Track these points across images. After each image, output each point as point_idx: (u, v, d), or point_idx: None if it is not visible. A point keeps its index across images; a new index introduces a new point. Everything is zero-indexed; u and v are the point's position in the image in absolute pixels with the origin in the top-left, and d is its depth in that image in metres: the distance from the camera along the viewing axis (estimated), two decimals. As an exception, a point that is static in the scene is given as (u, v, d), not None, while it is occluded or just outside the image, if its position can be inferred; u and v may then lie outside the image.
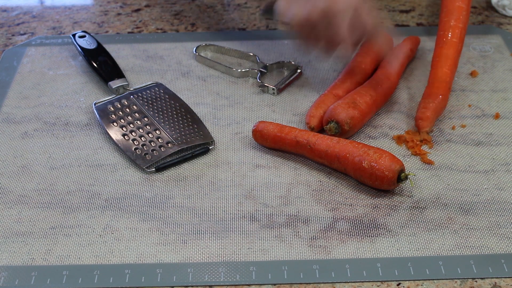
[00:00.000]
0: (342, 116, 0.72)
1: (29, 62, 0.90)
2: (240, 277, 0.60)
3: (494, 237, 0.63)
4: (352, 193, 0.68)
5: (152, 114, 0.77)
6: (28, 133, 0.77)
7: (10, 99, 0.83)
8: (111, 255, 0.62)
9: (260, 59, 0.88)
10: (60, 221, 0.66)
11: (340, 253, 0.62)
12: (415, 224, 0.65)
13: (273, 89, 0.83)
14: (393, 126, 0.77)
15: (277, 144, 0.73)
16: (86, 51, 0.86)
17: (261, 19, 0.98)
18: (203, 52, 0.91)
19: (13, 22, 1.01)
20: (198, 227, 0.65)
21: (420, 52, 0.90)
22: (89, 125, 0.78)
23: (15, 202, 0.68)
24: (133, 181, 0.70)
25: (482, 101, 0.81)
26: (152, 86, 0.82)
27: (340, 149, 0.69)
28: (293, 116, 0.79)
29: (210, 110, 0.81)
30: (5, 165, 0.73)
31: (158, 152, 0.72)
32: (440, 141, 0.75)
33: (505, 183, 0.69)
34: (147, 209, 0.67)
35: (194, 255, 0.62)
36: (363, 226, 0.65)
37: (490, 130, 0.76)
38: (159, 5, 1.04)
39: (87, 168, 0.72)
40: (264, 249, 0.63)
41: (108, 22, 1.00)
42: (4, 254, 0.62)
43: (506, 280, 0.59)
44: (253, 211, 0.67)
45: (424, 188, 0.69)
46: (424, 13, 1.01)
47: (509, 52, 0.90)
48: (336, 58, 0.83)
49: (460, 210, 0.66)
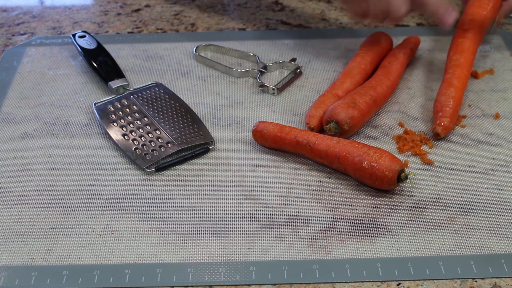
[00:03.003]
0: (342, 116, 0.72)
1: (29, 62, 0.90)
2: (240, 277, 0.60)
3: (494, 237, 0.63)
4: (352, 193, 0.68)
5: (152, 114, 0.77)
6: (28, 133, 0.77)
7: (10, 99, 0.83)
8: (111, 255, 0.62)
9: (260, 59, 0.88)
10: (60, 221, 0.66)
11: (340, 253, 0.62)
12: (415, 224, 0.65)
13: (273, 89, 0.83)
14: (393, 126, 0.77)
15: (277, 144, 0.73)
16: (86, 51, 0.86)
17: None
18: (203, 52, 0.91)
19: (13, 22, 1.01)
20: (198, 227, 0.65)
21: (420, 52, 0.90)
22: (89, 125, 0.78)
23: (15, 202, 0.68)
24: (133, 181, 0.70)
25: (482, 101, 0.81)
26: (152, 86, 0.82)
27: (340, 149, 0.69)
28: (293, 116, 0.79)
29: (210, 110, 0.81)
30: (5, 165, 0.73)
31: (158, 152, 0.72)
32: (440, 141, 0.75)
33: (505, 183, 0.69)
34: (147, 209, 0.67)
35: (194, 255, 0.62)
36: (363, 226, 0.65)
37: (490, 130, 0.76)
38: (159, 5, 1.04)
39: (87, 168, 0.72)
40: (264, 249, 0.63)
41: (108, 22, 1.00)
42: (4, 254, 0.62)
43: (506, 280, 0.59)
44: (253, 211, 0.67)
45: (424, 188, 0.69)
46: (424, 13, 1.00)
47: (509, 52, 0.90)
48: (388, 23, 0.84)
49: (460, 210, 0.66)
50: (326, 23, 0.99)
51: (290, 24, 0.99)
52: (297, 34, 0.95)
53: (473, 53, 0.82)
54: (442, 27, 0.79)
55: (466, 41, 0.82)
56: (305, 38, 0.94)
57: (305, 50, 0.91)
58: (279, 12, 1.02)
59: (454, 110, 0.75)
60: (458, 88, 0.77)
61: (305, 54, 0.90)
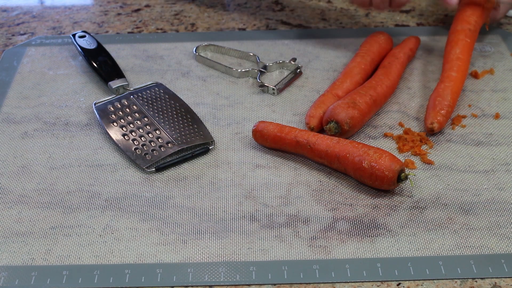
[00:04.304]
0: (342, 116, 0.72)
1: (29, 62, 0.90)
2: (240, 277, 0.60)
3: (494, 237, 0.63)
4: (352, 193, 0.68)
5: (152, 114, 0.77)
6: (28, 133, 0.77)
7: (10, 99, 0.83)
8: (111, 255, 0.62)
9: (260, 59, 0.88)
10: (60, 221, 0.66)
11: (340, 253, 0.62)
12: (415, 224, 0.65)
13: (273, 89, 0.83)
14: (393, 126, 0.77)
15: (277, 144, 0.73)
16: (86, 51, 0.86)
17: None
18: (203, 52, 0.91)
19: (13, 22, 1.01)
20: (198, 227, 0.65)
21: (420, 52, 0.90)
22: (89, 125, 0.78)
23: (15, 202, 0.68)
24: (133, 181, 0.70)
25: (482, 101, 0.81)
26: (152, 86, 0.82)
27: (340, 149, 0.69)
28: (293, 116, 0.79)
29: (210, 110, 0.81)
30: (5, 165, 0.73)
31: (158, 152, 0.72)
32: (440, 141, 0.75)
33: (505, 183, 0.69)
34: (147, 209, 0.67)
35: (194, 255, 0.62)
36: (363, 226, 0.65)
37: (490, 130, 0.76)
38: (159, 5, 1.04)
39: (87, 168, 0.72)
40: (264, 249, 0.63)
41: (108, 22, 1.00)
42: (4, 254, 0.62)
43: (506, 280, 0.59)
44: (253, 211, 0.67)
45: (424, 188, 0.69)
46: (424, 13, 1.01)
47: (509, 52, 0.90)
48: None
49: (460, 210, 0.66)
50: (326, 23, 0.99)
51: (290, 24, 0.99)
52: (297, 34, 0.95)
53: (469, 51, 0.82)
54: (445, 6, 0.85)
55: (460, 41, 0.82)
56: (305, 38, 0.94)
57: (305, 50, 0.91)
58: (279, 12, 1.02)
59: (448, 105, 0.75)
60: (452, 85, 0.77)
61: (305, 54, 0.90)
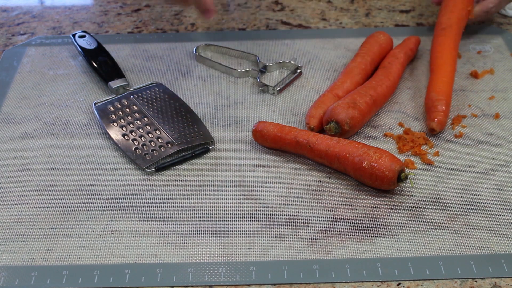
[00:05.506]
0: (342, 116, 0.72)
1: (29, 62, 0.90)
2: (240, 277, 0.60)
3: (494, 237, 0.63)
4: (352, 193, 0.68)
5: (152, 114, 0.77)
6: (28, 133, 0.77)
7: (10, 99, 0.83)
8: (111, 255, 0.62)
9: (260, 59, 0.88)
10: (60, 221, 0.66)
11: (340, 253, 0.62)
12: (415, 224, 0.65)
13: (273, 89, 0.83)
14: (393, 126, 0.77)
15: (277, 144, 0.73)
16: (86, 51, 0.86)
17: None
18: (203, 52, 0.91)
19: (13, 22, 1.01)
20: (198, 227, 0.65)
21: (420, 52, 0.90)
22: (89, 125, 0.78)
23: (15, 202, 0.68)
24: (133, 181, 0.70)
25: (482, 101, 0.81)
26: (152, 86, 0.82)
27: (340, 149, 0.69)
28: (293, 116, 0.79)
29: (210, 110, 0.81)
30: (5, 165, 0.73)
31: (158, 152, 0.72)
32: (440, 141, 0.75)
33: (505, 183, 0.69)
34: (147, 209, 0.67)
35: (194, 255, 0.62)
36: (363, 226, 0.65)
37: (490, 130, 0.76)
38: (159, 5, 1.04)
39: (87, 168, 0.72)
40: (264, 249, 0.63)
41: (108, 22, 1.00)
42: (4, 254, 0.62)
43: (506, 280, 0.59)
44: (253, 211, 0.67)
45: (424, 188, 0.69)
46: (424, 13, 1.00)
47: (509, 52, 0.90)
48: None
49: (460, 210, 0.66)
50: (326, 23, 0.99)
51: (290, 24, 0.99)
52: (297, 34, 0.95)
53: (455, 48, 0.83)
54: None
55: (445, 39, 0.83)
56: (305, 38, 0.94)
57: (305, 50, 0.91)
58: (279, 12, 1.02)
59: (446, 104, 0.75)
60: (445, 83, 0.78)
61: (305, 54, 0.90)
